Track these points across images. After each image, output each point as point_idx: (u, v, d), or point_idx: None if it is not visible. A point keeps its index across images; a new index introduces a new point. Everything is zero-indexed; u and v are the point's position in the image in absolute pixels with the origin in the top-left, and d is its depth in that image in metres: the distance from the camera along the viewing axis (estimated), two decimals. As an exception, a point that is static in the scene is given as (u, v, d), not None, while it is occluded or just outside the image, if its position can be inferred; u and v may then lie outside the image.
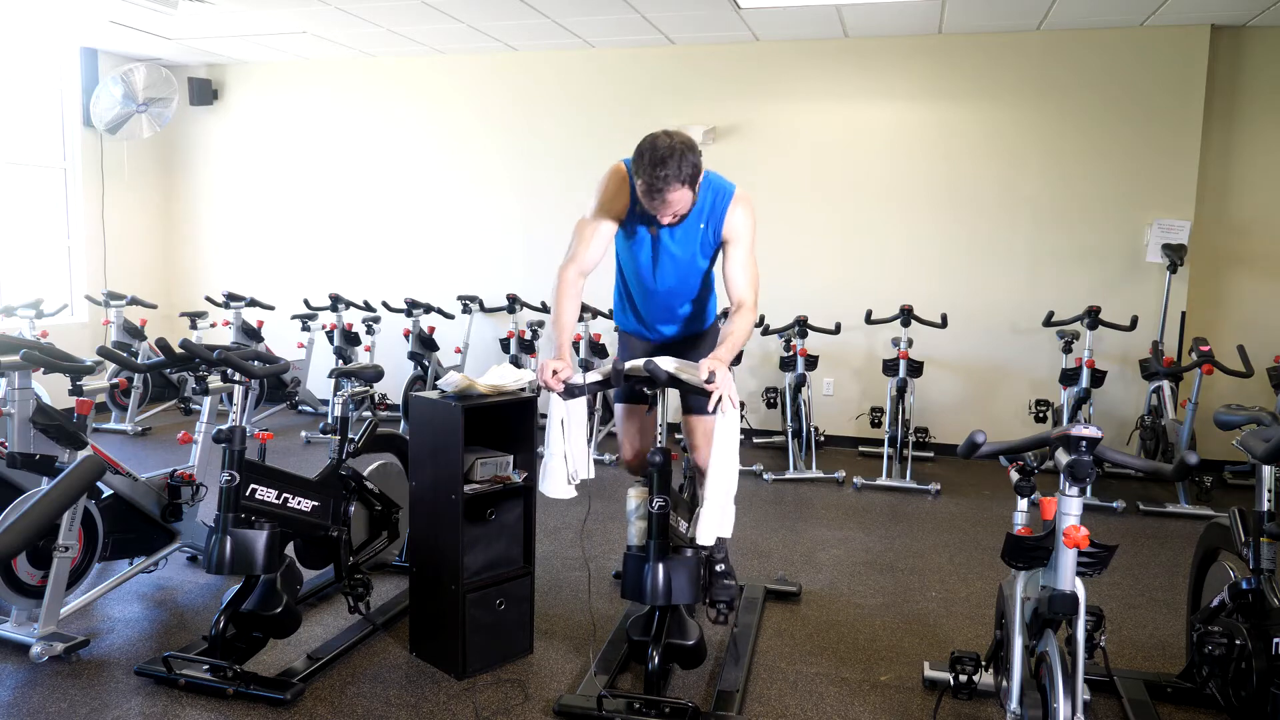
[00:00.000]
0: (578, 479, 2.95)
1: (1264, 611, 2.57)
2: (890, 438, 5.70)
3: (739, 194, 3.01)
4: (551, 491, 2.91)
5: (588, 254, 3.01)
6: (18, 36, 6.87)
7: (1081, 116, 6.16)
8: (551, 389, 2.82)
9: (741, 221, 2.99)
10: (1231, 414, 2.94)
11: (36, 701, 2.89)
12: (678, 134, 2.79)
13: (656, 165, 2.72)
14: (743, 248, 3.01)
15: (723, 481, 2.78)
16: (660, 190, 2.75)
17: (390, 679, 3.07)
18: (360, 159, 7.58)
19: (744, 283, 3.00)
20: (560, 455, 2.91)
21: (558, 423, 2.91)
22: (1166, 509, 5.17)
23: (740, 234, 3.00)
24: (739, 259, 3.01)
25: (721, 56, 6.71)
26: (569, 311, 3.00)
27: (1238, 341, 5.77)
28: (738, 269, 3.01)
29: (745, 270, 3.00)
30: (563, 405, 2.90)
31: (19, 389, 3.64)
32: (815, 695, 3.02)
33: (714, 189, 2.99)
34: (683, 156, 2.73)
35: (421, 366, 6.51)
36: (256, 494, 3.05)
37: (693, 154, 2.76)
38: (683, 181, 2.75)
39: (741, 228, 3.00)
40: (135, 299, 7.01)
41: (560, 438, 2.91)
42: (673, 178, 2.73)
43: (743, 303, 2.98)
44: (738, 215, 2.99)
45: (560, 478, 2.90)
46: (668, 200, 2.78)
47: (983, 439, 2.30)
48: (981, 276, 6.45)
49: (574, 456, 2.94)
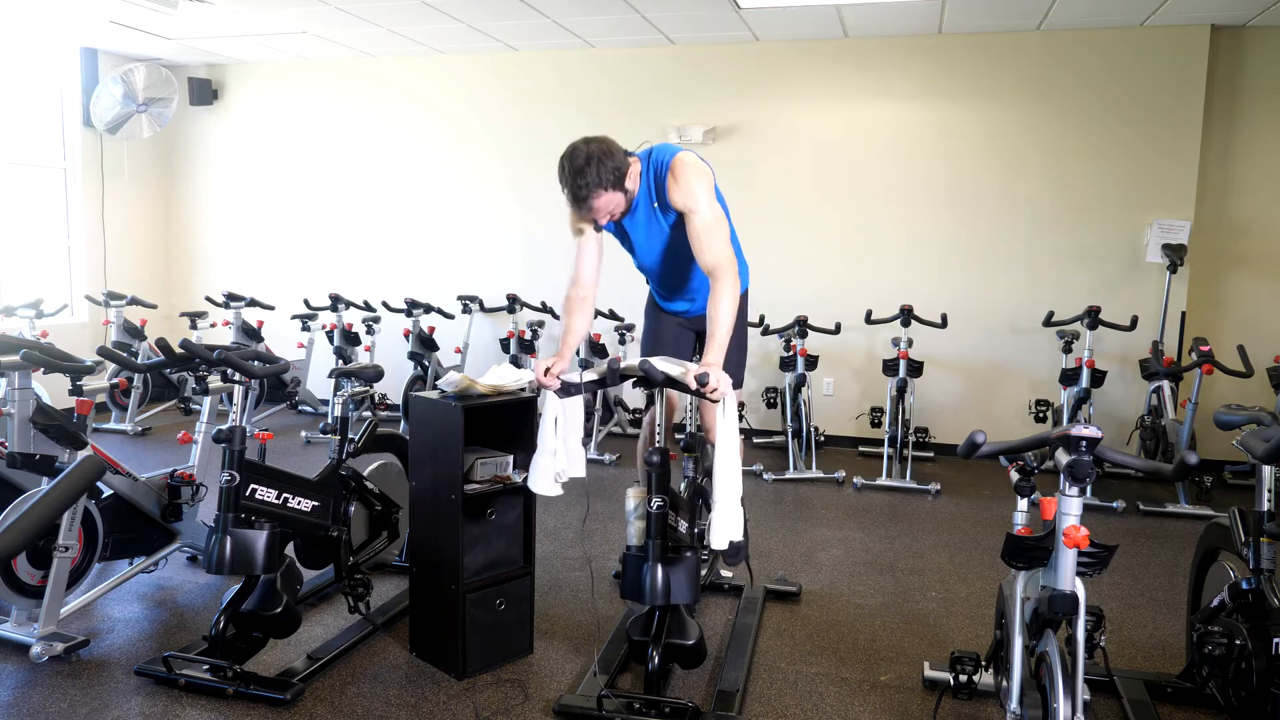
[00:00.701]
0: (564, 478, 2.96)
1: (1264, 611, 2.57)
2: (890, 438, 5.70)
3: (675, 161, 2.92)
4: (538, 488, 2.93)
5: (581, 270, 3.10)
6: (18, 36, 6.87)
7: (1081, 116, 6.16)
8: (547, 387, 2.84)
9: (685, 190, 2.91)
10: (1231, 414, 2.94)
11: (36, 701, 2.89)
12: (596, 140, 2.79)
13: (577, 175, 2.75)
14: (699, 214, 2.91)
15: (729, 485, 2.79)
16: (584, 199, 2.77)
17: (390, 679, 3.07)
18: (360, 159, 7.58)
19: (708, 249, 2.90)
20: (549, 453, 2.92)
21: (551, 420, 2.92)
22: (1166, 509, 5.17)
23: (689, 201, 2.91)
24: (696, 227, 2.92)
25: (721, 56, 6.72)
26: (575, 323, 3.10)
27: (1238, 341, 5.77)
28: (697, 237, 2.92)
29: (707, 237, 2.90)
30: (558, 403, 2.92)
31: (19, 389, 3.64)
32: (815, 695, 3.02)
33: (654, 164, 2.96)
34: (600, 163, 2.74)
35: (421, 366, 6.51)
36: (256, 494, 3.05)
37: (612, 159, 2.77)
38: (605, 186, 2.77)
39: (687, 195, 2.91)
40: (135, 299, 7.01)
41: (552, 435, 2.92)
42: (594, 185, 2.75)
43: (714, 271, 2.88)
44: (679, 186, 2.91)
45: (548, 475, 2.92)
46: (594, 207, 2.81)
47: (983, 439, 2.30)
48: (981, 276, 6.45)
49: (565, 455, 2.95)
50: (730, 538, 2.79)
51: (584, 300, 3.11)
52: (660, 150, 3.00)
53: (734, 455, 2.79)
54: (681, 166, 2.92)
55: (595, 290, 3.15)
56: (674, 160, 2.94)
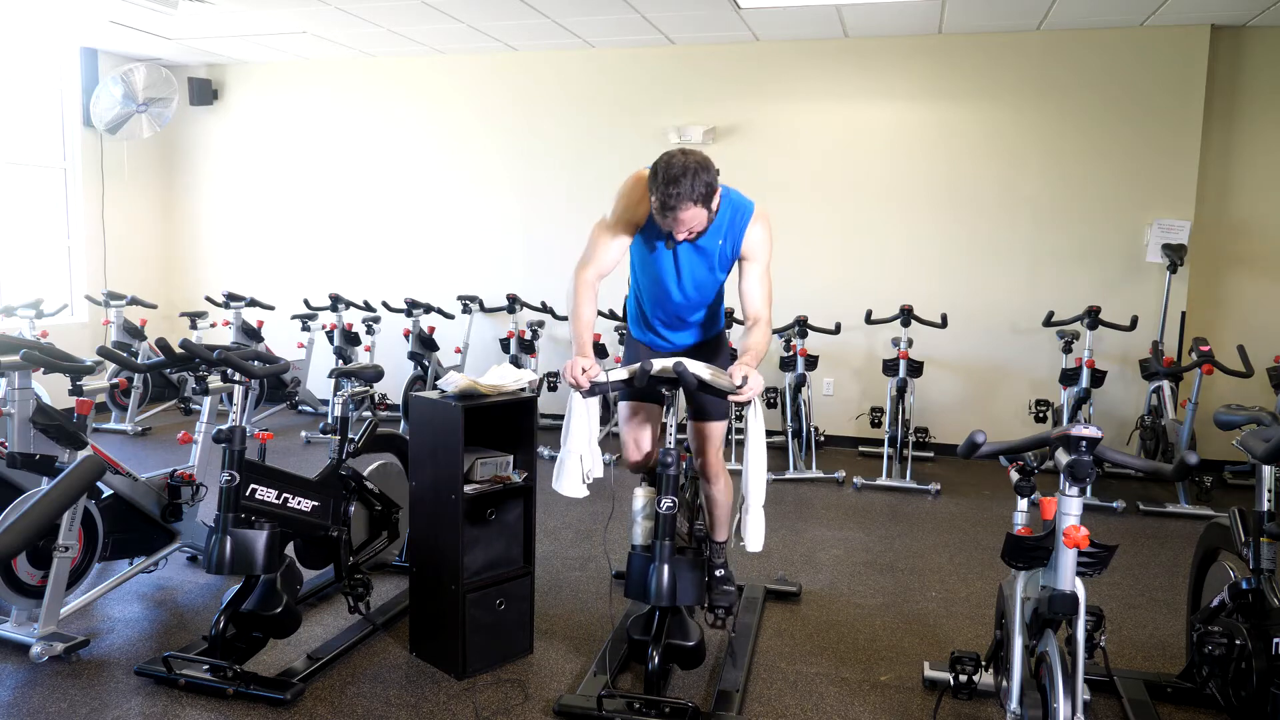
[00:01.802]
0: (591, 478, 2.97)
1: (1264, 611, 2.57)
2: (890, 438, 5.70)
3: (758, 211, 3.02)
4: (566, 490, 2.91)
5: (605, 257, 3.01)
6: (18, 36, 6.87)
7: (1081, 116, 6.16)
8: (579, 387, 2.80)
9: (760, 239, 3.01)
10: (1231, 414, 2.94)
11: (36, 701, 2.89)
12: (693, 153, 2.78)
13: (669, 184, 2.72)
14: (760, 264, 3.02)
15: (759, 489, 2.94)
16: (673, 208, 2.75)
17: (390, 679, 3.07)
18: (360, 159, 7.58)
19: (760, 299, 3.02)
20: (576, 454, 2.92)
21: (581, 421, 2.91)
22: (1166, 509, 5.17)
23: (758, 251, 3.01)
24: (756, 275, 3.02)
25: (721, 56, 6.71)
26: (588, 311, 2.99)
27: (1238, 341, 5.76)
28: (754, 285, 3.03)
29: (762, 286, 3.03)
30: (584, 404, 2.90)
31: (19, 389, 3.64)
32: (815, 695, 3.02)
33: (733, 205, 2.99)
34: (696, 175, 2.73)
35: (421, 366, 6.51)
36: (256, 494, 3.05)
37: (706, 173, 2.75)
38: (695, 200, 2.75)
39: (760, 245, 3.01)
40: (135, 299, 7.01)
41: (583, 437, 2.92)
42: (685, 196, 2.73)
43: (758, 318, 3.01)
44: (756, 232, 3.00)
45: (576, 476, 2.92)
46: (680, 219, 2.78)
47: (983, 439, 2.30)
48: (981, 276, 6.45)
49: (589, 455, 2.96)
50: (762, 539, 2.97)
51: (595, 288, 3.02)
52: (738, 195, 3.03)
53: (763, 459, 2.91)
54: (766, 217, 3.04)
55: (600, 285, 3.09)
56: (758, 209, 3.03)
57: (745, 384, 2.73)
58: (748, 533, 2.96)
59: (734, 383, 2.73)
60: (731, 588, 3.37)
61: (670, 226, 2.82)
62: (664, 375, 2.82)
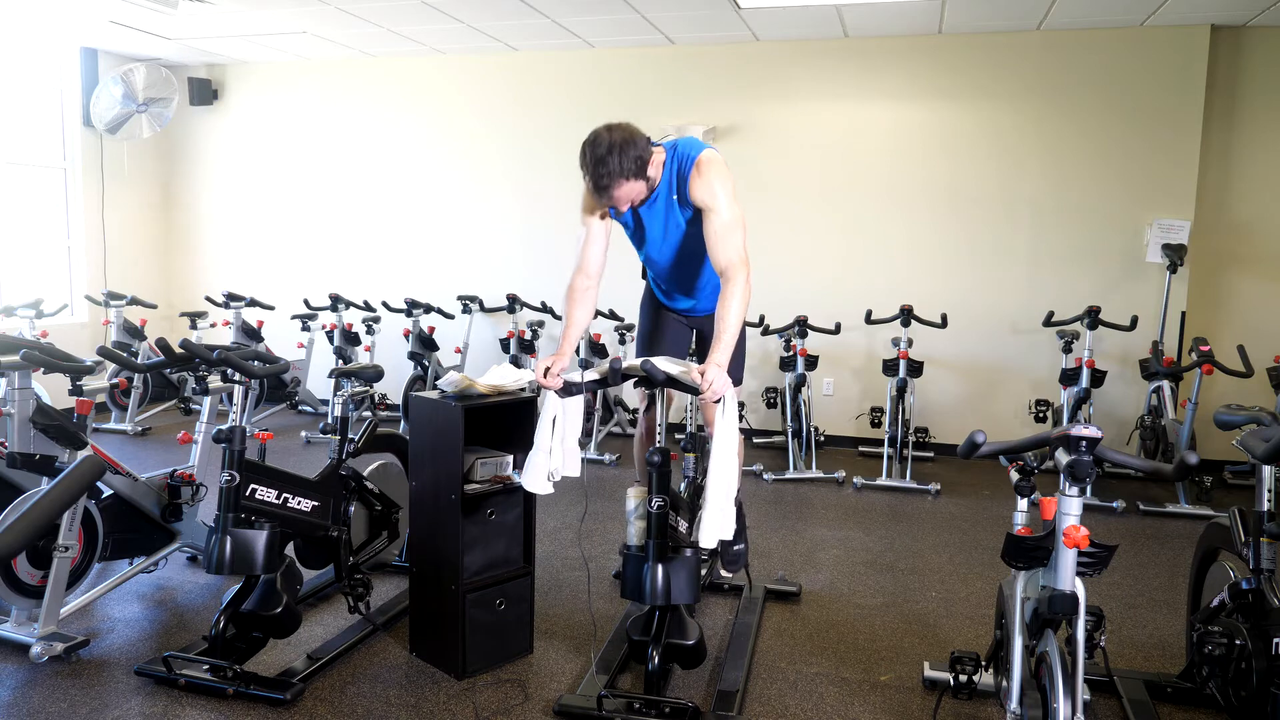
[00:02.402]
0: (558, 476, 2.96)
1: (1264, 611, 2.57)
2: (890, 438, 5.70)
3: (700, 158, 2.92)
4: (530, 486, 2.92)
5: (588, 258, 3.07)
6: (18, 36, 6.87)
7: (1081, 116, 6.16)
8: (548, 386, 2.83)
9: (706, 187, 2.91)
10: (1231, 414, 2.94)
11: (36, 701, 2.89)
12: (618, 127, 2.77)
13: (598, 164, 2.74)
14: (717, 213, 2.90)
15: (722, 484, 2.76)
16: (605, 187, 2.76)
17: (390, 679, 3.07)
18: (360, 159, 7.58)
19: (724, 249, 2.89)
20: (545, 451, 2.91)
21: (549, 420, 2.92)
22: (1166, 509, 5.17)
23: (709, 199, 2.91)
24: (713, 226, 2.91)
25: (721, 56, 6.71)
26: (577, 314, 3.05)
27: (1238, 341, 5.76)
28: (712, 235, 2.91)
29: (724, 236, 2.89)
30: (557, 403, 2.91)
31: (19, 389, 3.64)
32: (815, 695, 3.02)
33: (679, 158, 2.95)
34: (623, 151, 2.73)
35: (421, 366, 6.51)
36: (256, 494, 3.04)
37: (634, 147, 2.75)
38: (627, 176, 2.75)
39: (708, 193, 2.91)
40: (135, 299, 7.01)
41: (549, 434, 2.91)
42: (616, 173, 2.74)
43: (727, 271, 2.88)
44: (700, 183, 2.91)
45: (541, 473, 2.91)
46: (614, 196, 2.79)
47: (983, 439, 2.30)
48: (981, 276, 6.45)
49: (560, 454, 2.95)
50: (720, 536, 2.76)
51: (588, 291, 3.07)
52: (686, 144, 2.97)
53: (730, 455, 2.77)
54: (707, 164, 2.91)
55: (599, 282, 3.12)
56: (700, 156, 2.92)
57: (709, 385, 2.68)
58: (701, 528, 2.77)
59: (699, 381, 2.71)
60: (741, 545, 3.34)
61: (609, 204, 2.84)
62: (633, 373, 2.83)
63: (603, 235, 3.08)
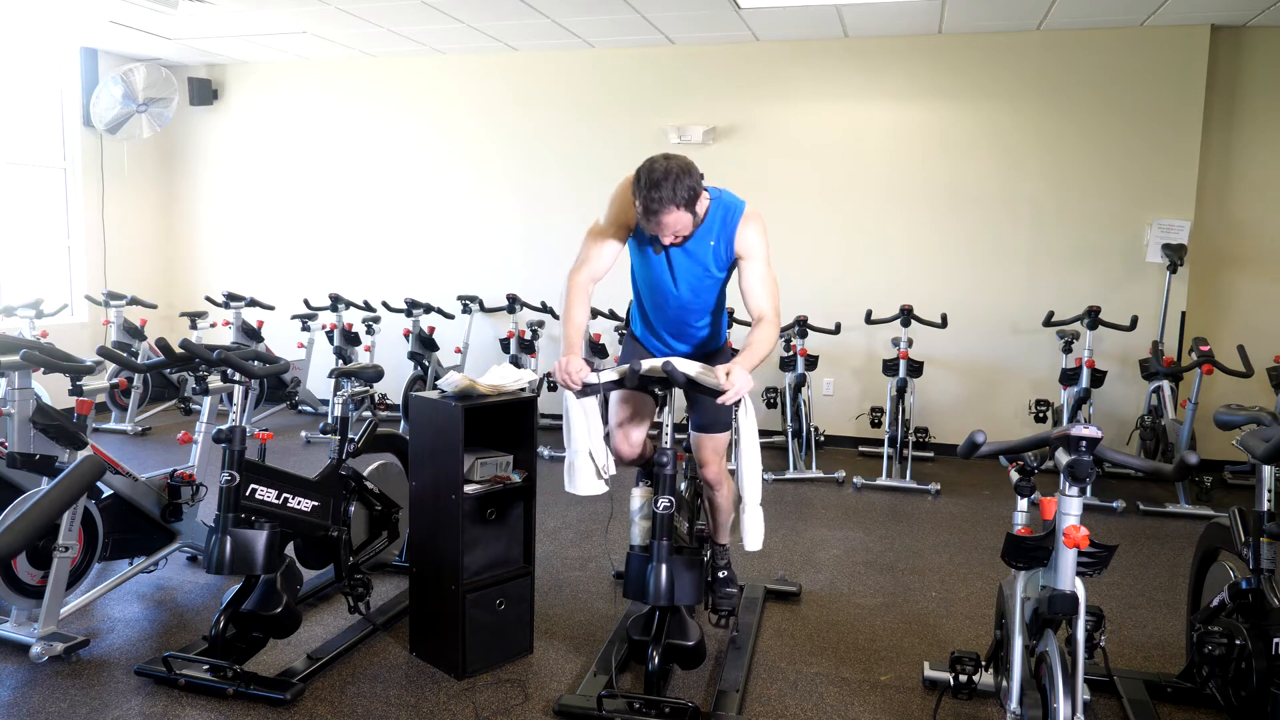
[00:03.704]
0: (608, 473, 3.01)
1: (1264, 611, 2.57)
2: (890, 438, 5.70)
3: (749, 211, 3.01)
4: (582, 489, 2.94)
5: (598, 261, 3.03)
6: (18, 36, 6.86)
7: (1081, 116, 6.15)
8: (570, 388, 2.82)
9: (753, 238, 3.00)
10: (1231, 414, 2.94)
11: (36, 701, 2.89)
12: (676, 157, 2.79)
13: (652, 188, 2.73)
14: (758, 262, 3.00)
15: (754, 488, 2.96)
16: (655, 212, 2.76)
17: (390, 679, 3.07)
18: (360, 159, 7.58)
19: (762, 295, 2.98)
20: (586, 453, 2.95)
21: (580, 420, 2.94)
22: (1166, 509, 5.17)
23: (752, 249, 3.00)
24: (755, 273, 3.00)
25: (721, 56, 6.71)
26: (579, 313, 3.01)
27: (1238, 341, 5.76)
28: (755, 283, 3.00)
29: (763, 284, 3.00)
30: (579, 404, 2.92)
31: (19, 389, 3.64)
32: (815, 695, 3.02)
33: (724, 206, 2.99)
34: (679, 180, 2.74)
35: (421, 366, 6.51)
36: (256, 494, 3.05)
37: (689, 177, 2.76)
38: (679, 204, 2.76)
39: (753, 243, 3.00)
40: (135, 299, 7.00)
41: (584, 435, 2.94)
42: (668, 200, 2.74)
43: (762, 316, 2.97)
44: (749, 232, 2.99)
45: (589, 474, 2.96)
46: (663, 222, 2.79)
47: (983, 439, 2.30)
48: (981, 276, 6.45)
49: (599, 452, 3.00)
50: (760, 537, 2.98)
51: (588, 291, 3.04)
52: (731, 195, 3.03)
53: (757, 456, 2.92)
54: (756, 217, 3.02)
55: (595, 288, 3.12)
56: (748, 209, 3.02)
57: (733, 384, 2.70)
58: (746, 532, 2.97)
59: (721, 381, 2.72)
60: (734, 589, 3.38)
61: (654, 230, 2.83)
62: (653, 374, 2.83)
63: (618, 248, 3.07)
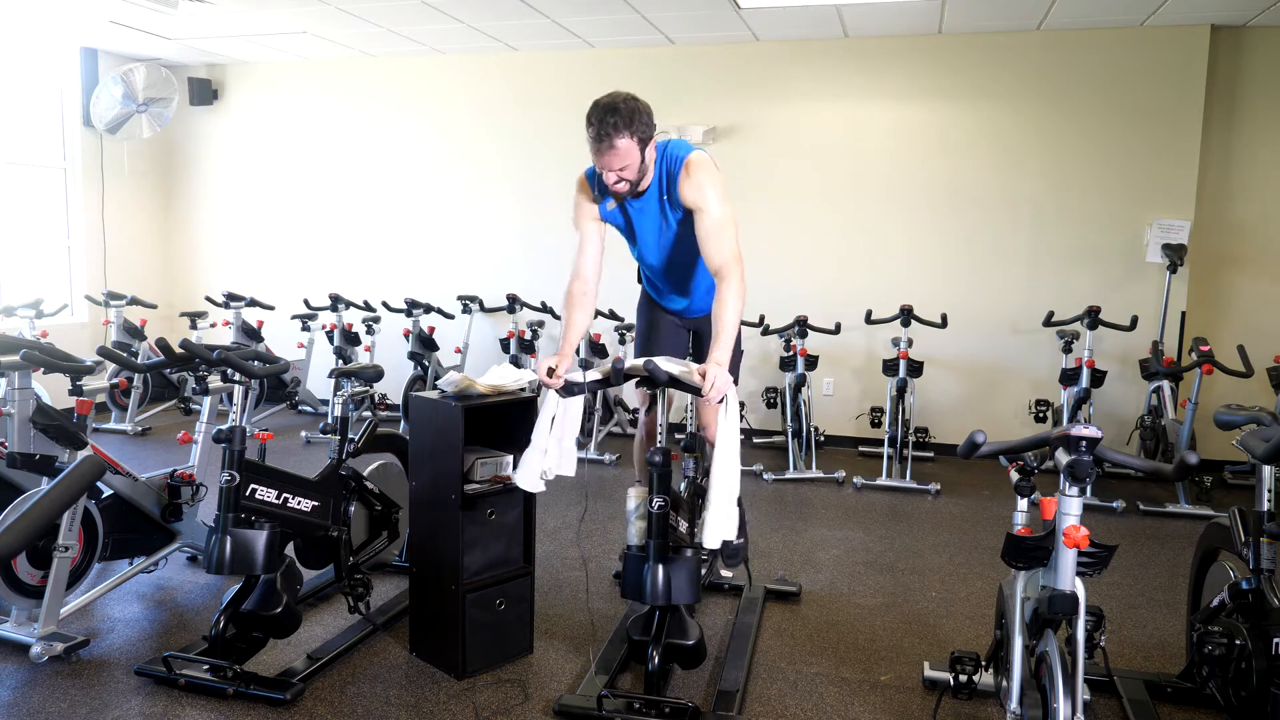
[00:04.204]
0: (550, 475, 2.98)
1: (1264, 611, 2.57)
2: (890, 438, 5.70)
3: (689, 159, 2.94)
4: (523, 483, 2.94)
5: (583, 263, 3.10)
6: (18, 36, 6.86)
7: (1081, 116, 6.15)
8: (550, 386, 2.84)
9: (696, 188, 2.93)
10: (1231, 414, 2.94)
11: (36, 701, 2.89)
12: (631, 95, 2.84)
13: (605, 111, 2.76)
14: (708, 213, 2.92)
15: (725, 485, 2.77)
16: (607, 135, 2.77)
17: (390, 679, 3.07)
18: (360, 159, 7.58)
19: (716, 248, 2.91)
20: (540, 449, 2.93)
21: (548, 418, 2.94)
22: (1166, 509, 5.16)
23: (699, 199, 2.92)
24: (705, 225, 2.93)
25: (721, 56, 6.71)
26: (577, 317, 3.09)
27: (1238, 341, 5.76)
28: (706, 236, 2.93)
29: (716, 236, 2.91)
30: (558, 402, 2.92)
31: (19, 389, 3.64)
32: (815, 695, 3.02)
33: (668, 158, 2.98)
34: (633, 112, 2.77)
35: (421, 366, 6.51)
36: (256, 494, 3.05)
37: (644, 115, 2.79)
38: (631, 133, 2.77)
39: (698, 192, 2.92)
40: (135, 299, 7.00)
41: (546, 433, 2.93)
42: (621, 125, 2.75)
43: (720, 270, 2.89)
44: (691, 181, 2.93)
45: (534, 471, 2.93)
46: (615, 147, 2.79)
47: (983, 439, 2.30)
48: (981, 276, 6.45)
49: (556, 453, 2.97)
50: (723, 537, 2.76)
51: (585, 295, 3.10)
52: (675, 145, 2.99)
53: (733, 455, 2.79)
54: (695, 164, 2.93)
55: (596, 286, 3.14)
56: (688, 157, 2.95)
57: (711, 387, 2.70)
58: (705, 529, 2.77)
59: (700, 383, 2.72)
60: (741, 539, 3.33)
61: (603, 166, 2.84)
62: (635, 373, 2.84)
63: (597, 240, 3.11)
